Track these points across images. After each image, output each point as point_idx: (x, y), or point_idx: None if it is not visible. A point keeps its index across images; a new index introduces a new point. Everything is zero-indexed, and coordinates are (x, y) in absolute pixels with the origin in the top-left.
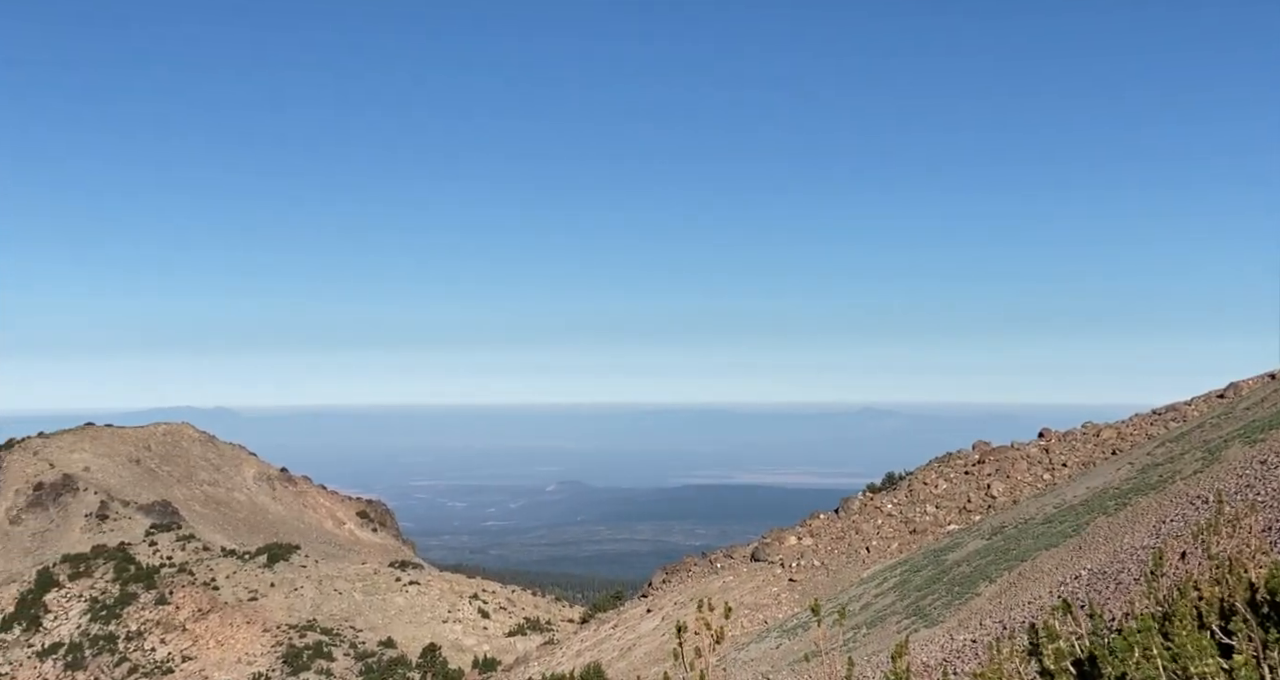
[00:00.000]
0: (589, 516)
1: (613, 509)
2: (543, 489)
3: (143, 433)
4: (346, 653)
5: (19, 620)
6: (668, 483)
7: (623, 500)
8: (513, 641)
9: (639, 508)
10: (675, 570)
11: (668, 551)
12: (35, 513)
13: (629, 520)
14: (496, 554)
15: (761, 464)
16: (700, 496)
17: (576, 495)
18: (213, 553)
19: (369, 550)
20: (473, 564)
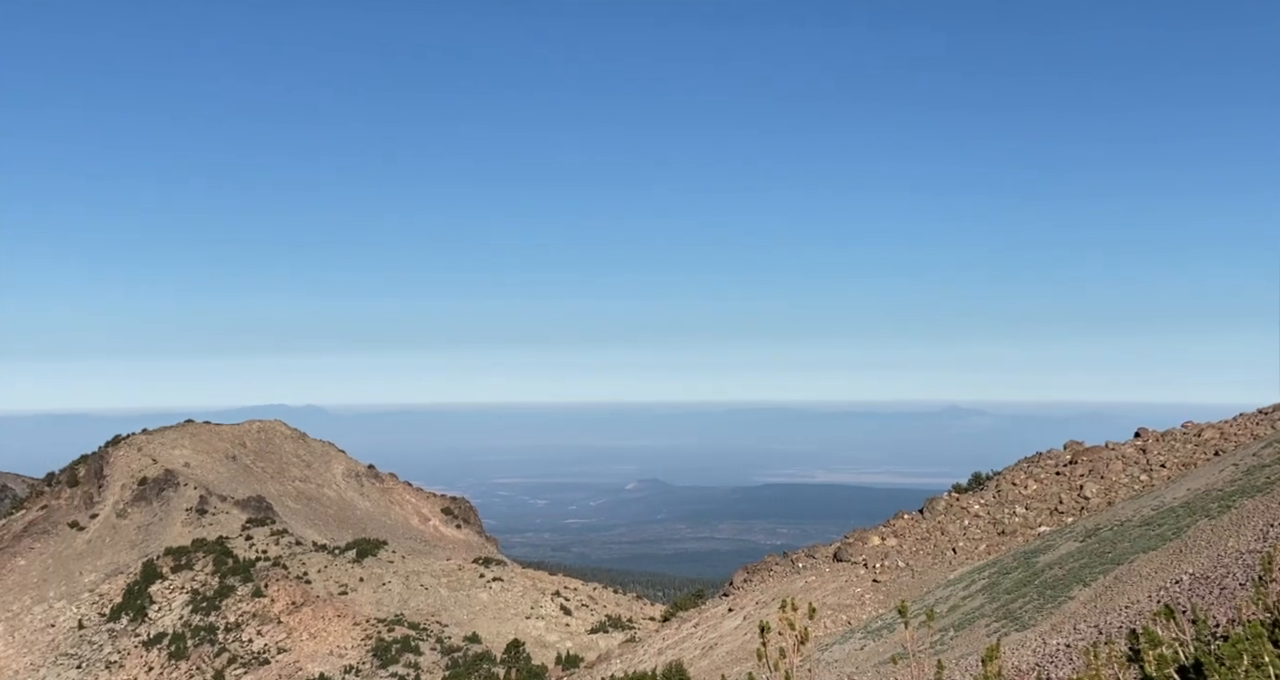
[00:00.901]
0: (669, 515)
1: (693, 508)
2: (623, 487)
3: (238, 430)
4: (433, 647)
5: (127, 610)
6: (748, 482)
7: (703, 499)
8: (595, 639)
9: (719, 506)
10: (756, 570)
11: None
12: (140, 506)
13: (709, 519)
14: (578, 552)
15: (843, 463)
16: (781, 495)
17: (656, 494)
18: (304, 547)
19: (453, 547)
20: (554, 561)
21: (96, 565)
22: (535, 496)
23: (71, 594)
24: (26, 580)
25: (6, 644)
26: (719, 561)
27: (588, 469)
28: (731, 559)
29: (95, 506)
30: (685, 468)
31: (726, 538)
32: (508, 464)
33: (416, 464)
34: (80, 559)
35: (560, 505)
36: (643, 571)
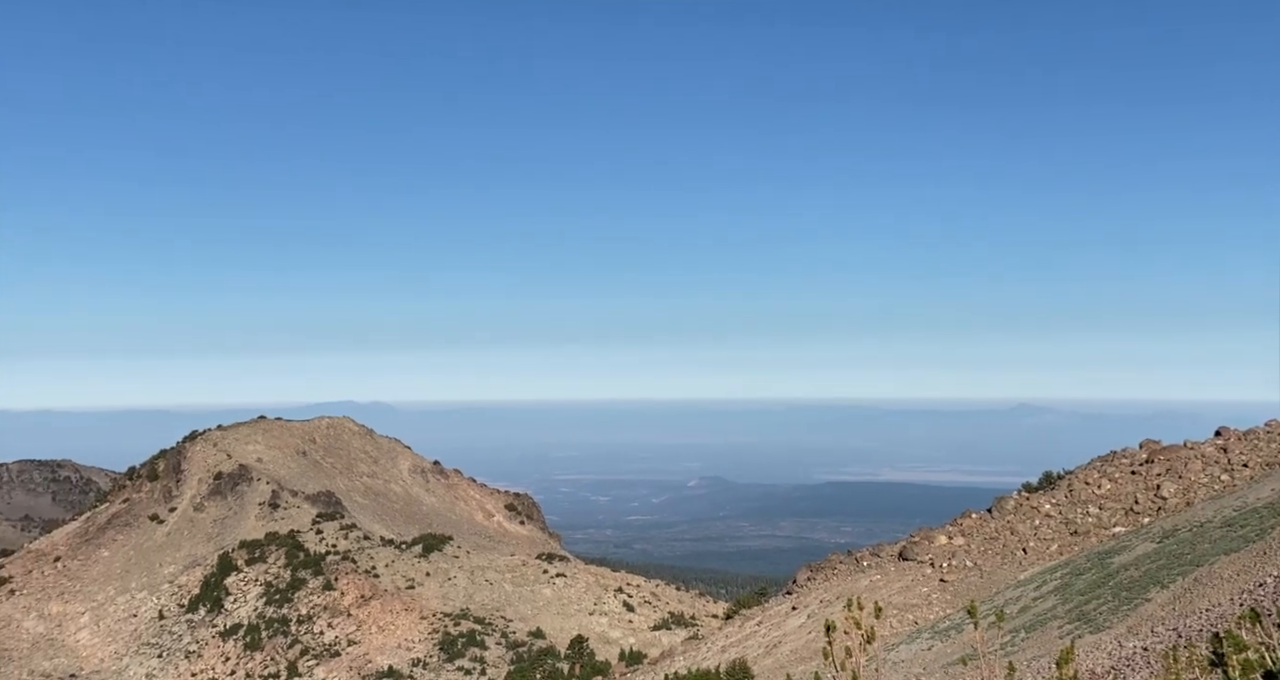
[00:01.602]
0: (731, 512)
1: (755, 505)
2: (685, 484)
3: (308, 426)
4: (498, 642)
5: (204, 601)
6: (811, 479)
7: (765, 496)
8: (657, 635)
9: (782, 504)
10: (820, 568)
11: (811, 549)
12: (215, 500)
13: (772, 516)
14: (640, 548)
15: (909, 461)
16: (845, 494)
17: (719, 491)
18: (372, 542)
19: (517, 542)
20: (616, 558)
21: (175, 557)
22: (598, 493)
23: (152, 585)
24: (110, 571)
25: (93, 633)
26: (781, 559)
27: (650, 466)
28: (794, 557)
29: (174, 500)
30: (747, 465)
31: (789, 535)
32: (570, 460)
33: (480, 460)
34: (160, 551)
35: (622, 502)
36: (705, 569)
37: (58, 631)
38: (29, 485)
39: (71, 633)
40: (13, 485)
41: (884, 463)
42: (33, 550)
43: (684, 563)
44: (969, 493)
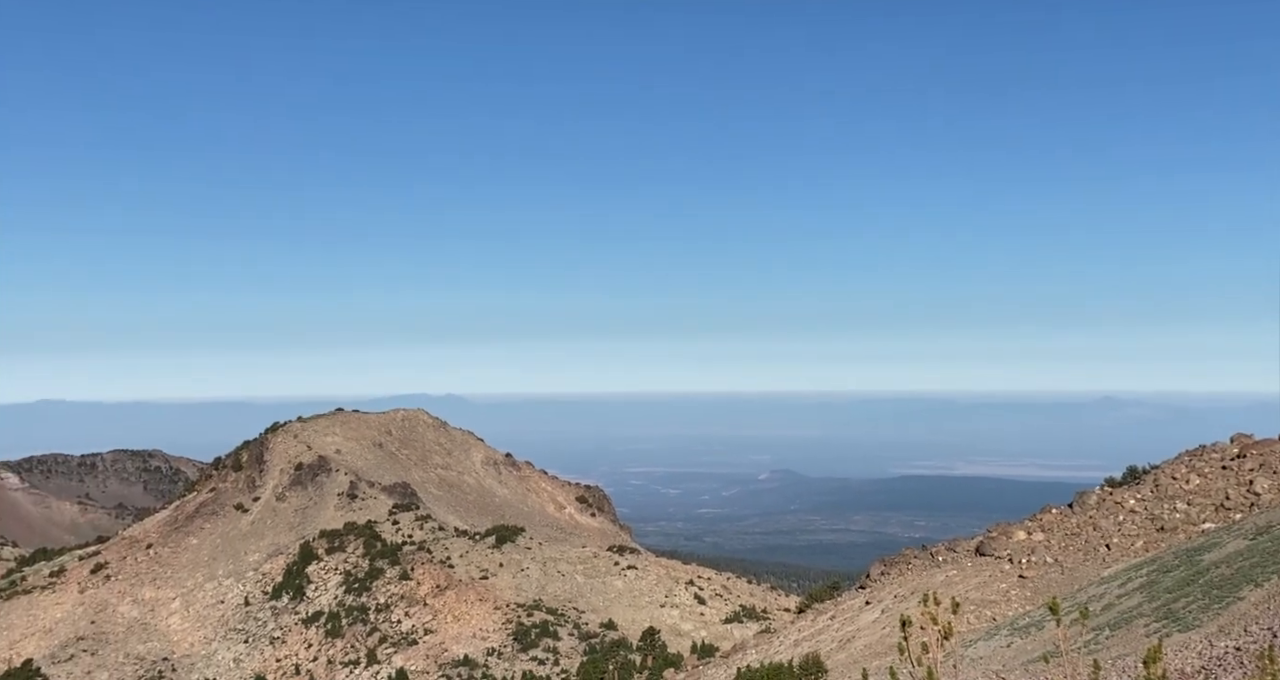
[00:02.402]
0: (803, 506)
1: (827, 499)
2: (755, 477)
3: (384, 418)
4: (570, 633)
5: (287, 589)
6: (885, 473)
7: (838, 490)
8: (729, 628)
9: (855, 498)
10: (894, 562)
11: (885, 543)
12: (297, 491)
13: (844, 511)
14: (711, 541)
15: (985, 455)
16: (919, 488)
17: (790, 484)
18: (447, 533)
19: (588, 534)
20: (687, 551)
21: (259, 545)
22: (668, 486)
23: (238, 572)
24: (198, 558)
25: (183, 618)
26: (854, 554)
27: (720, 459)
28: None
29: (257, 490)
30: (819, 458)
31: (862, 530)
32: (641, 453)
33: (551, 453)
34: (245, 539)
35: (693, 495)
36: (776, 562)
37: (151, 616)
38: (122, 474)
39: (163, 617)
40: (108, 474)
41: (959, 457)
42: (126, 537)
43: (755, 556)
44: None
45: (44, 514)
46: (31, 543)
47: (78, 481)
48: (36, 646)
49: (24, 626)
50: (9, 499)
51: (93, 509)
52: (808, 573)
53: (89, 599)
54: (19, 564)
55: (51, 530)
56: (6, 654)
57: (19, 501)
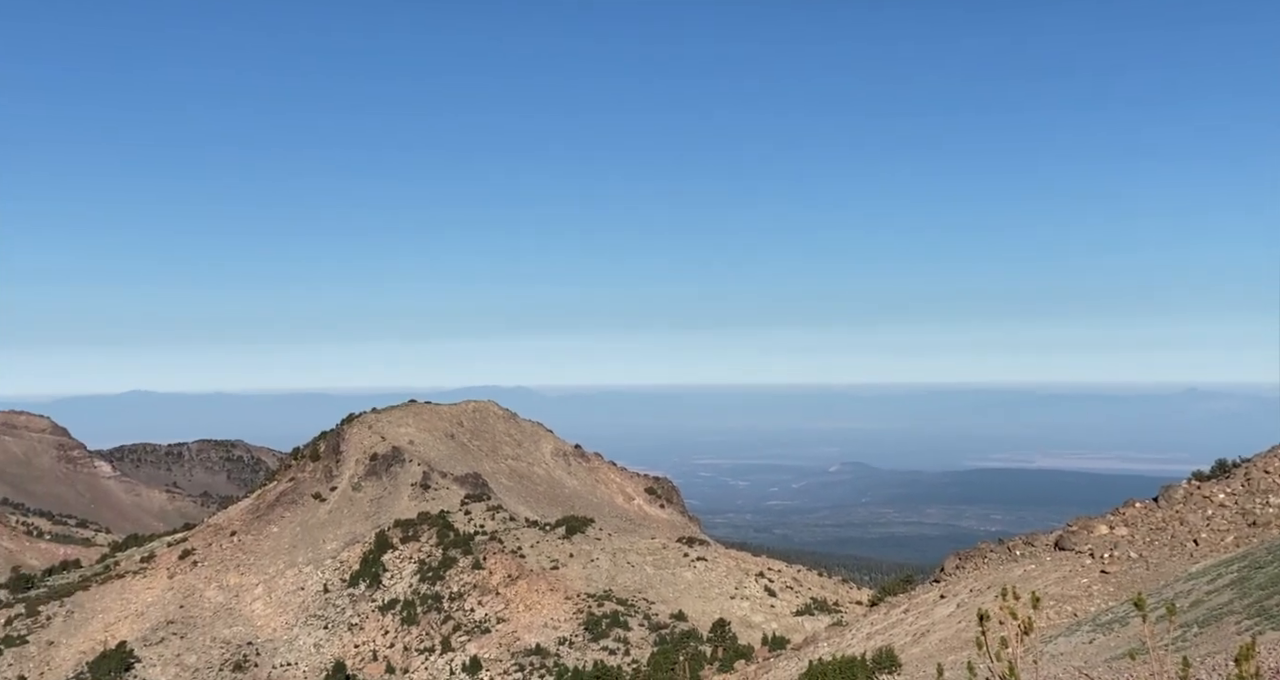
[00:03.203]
0: (874, 498)
1: (899, 491)
2: (825, 470)
3: (455, 410)
4: (641, 623)
5: (364, 577)
6: (959, 466)
7: (910, 482)
8: (800, 621)
9: (928, 490)
10: (969, 556)
11: (960, 537)
12: (372, 480)
13: (917, 503)
14: (780, 533)
15: (1065, 448)
16: (995, 481)
17: (861, 476)
18: (518, 523)
19: (657, 525)
20: (757, 543)
21: (336, 534)
22: (737, 477)
23: (317, 560)
24: (279, 546)
25: (266, 604)
26: (927, 547)
27: (789, 451)
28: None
29: (334, 480)
30: (890, 451)
31: (935, 523)
32: (709, 445)
33: (620, 444)
34: (323, 528)
35: (762, 487)
36: (847, 555)
37: (235, 601)
38: (207, 463)
39: (247, 603)
40: (193, 463)
41: (1036, 449)
42: (211, 524)
43: (825, 549)
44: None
45: (134, 501)
46: (123, 529)
47: (165, 470)
48: (130, 629)
49: (118, 610)
50: (102, 486)
51: (180, 497)
52: (880, 566)
53: (178, 584)
54: (112, 549)
55: (142, 517)
56: (102, 636)
57: (112, 489)
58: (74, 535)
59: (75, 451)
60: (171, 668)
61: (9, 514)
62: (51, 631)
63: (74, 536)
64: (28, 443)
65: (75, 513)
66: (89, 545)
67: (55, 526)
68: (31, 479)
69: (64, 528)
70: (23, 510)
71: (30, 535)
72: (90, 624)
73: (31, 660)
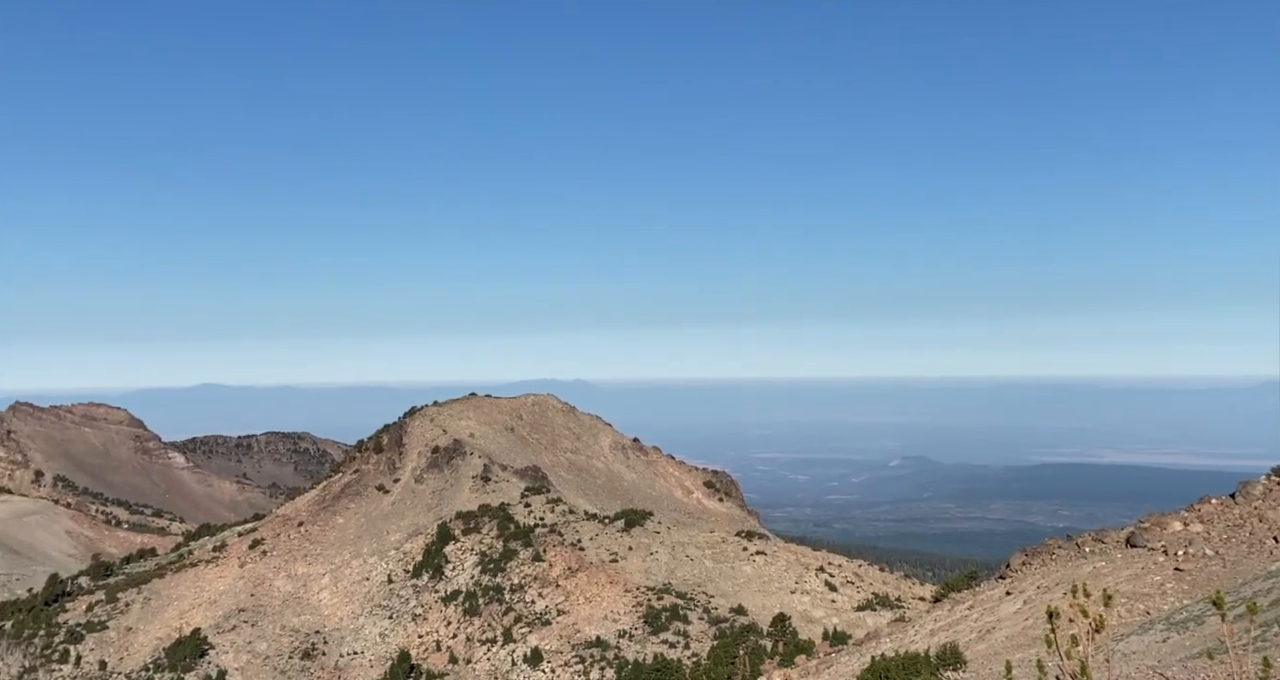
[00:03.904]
0: (937, 493)
1: (963, 486)
2: (886, 464)
3: (514, 403)
4: (700, 617)
5: (426, 568)
6: (1025, 460)
7: (973, 477)
8: (862, 616)
9: (992, 486)
10: (1036, 553)
11: (1025, 532)
12: (434, 473)
13: (981, 498)
14: (840, 528)
15: (1136, 443)
16: (1063, 476)
17: (923, 471)
18: (577, 516)
19: (716, 519)
20: (816, 537)
21: (400, 525)
22: (796, 471)
23: (381, 551)
24: (345, 537)
25: (332, 593)
26: (992, 543)
27: (850, 445)
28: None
29: (397, 472)
30: (953, 445)
31: (1000, 518)
32: (768, 438)
33: (677, 438)
34: (387, 519)
35: (821, 481)
36: (909, 550)
37: (303, 591)
38: (275, 455)
39: (315, 592)
40: (261, 455)
41: (1105, 444)
42: (279, 515)
43: (887, 543)
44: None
45: (206, 492)
46: (196, 518)
47: (235, 461)
48: (203, 616)
49: (192, 597)
50: (176, 477)
51: (249, 487)
52: (943, 561)
53: (248, 573)
54: (186, 538)
55: (213, 507)
56: (177, 623)
57: (185, 480)
58: (150, 524)
59: (151, 443)
60: (243, 655)
61: (89, 503)
62: (130, 617)
63: (150, 525)
64: (106, 434)
65: (151, 502)
66: (164, 534)
67: (132, 515)
68: (110, 469)
69: (141, 517)
70: (102, 500)
71: (109, 524)
72: (166, 611)
73: (111, 645)
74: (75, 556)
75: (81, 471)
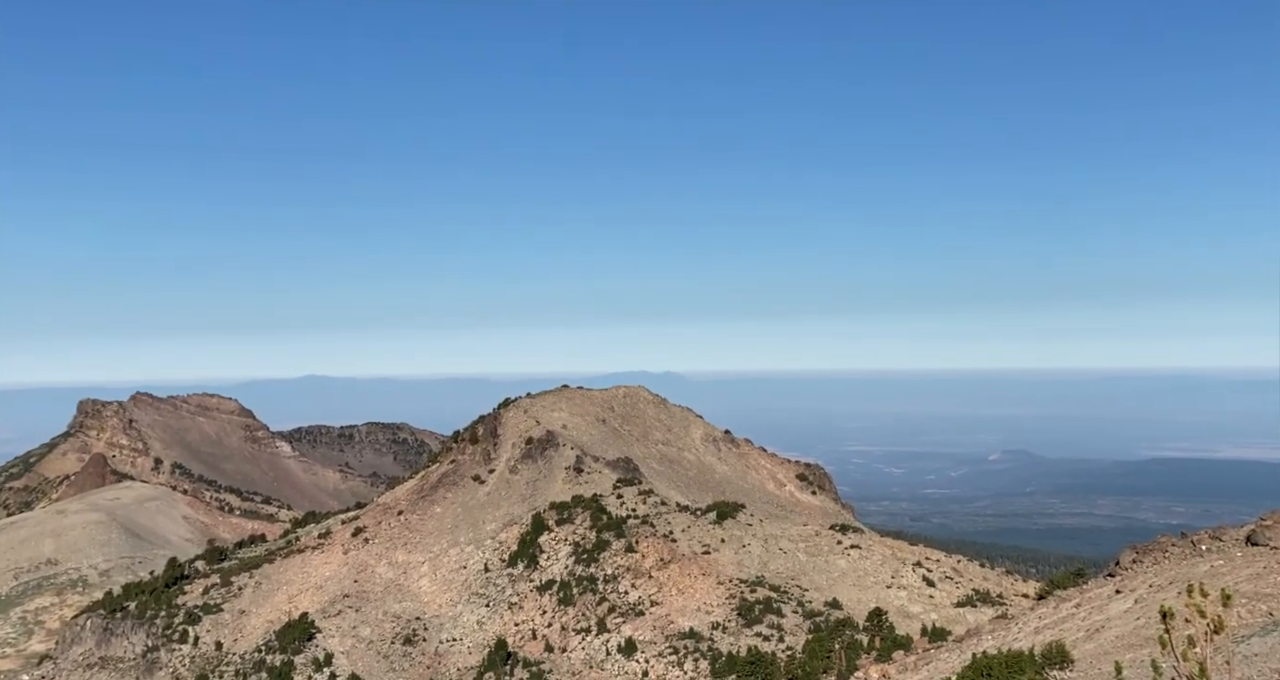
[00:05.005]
0: (1039, 488)
1: (1067, 481)
2: (985, 457)
3: (606, 395)
4: (794, 610)
5: (521, 557)
6: (1134, 455)
7: (1078, 472)
8: (961, 612)
9: (1098, 481)
10: (1148, 550)
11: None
12: (527, 464)
13: (1086, 494)
14: (938, 522)
15: (1253, 437)
16: (1175, 471)
17: (1024, 465)
18: (669, 507)
19: (809, 512)
20: (913, 531)
21: (495, 515)
22: (891, 464)
23: (477, 540)
24: (442, 525)
25: (431, 581)
26: (1099, 539)
27: (947, 438)
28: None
29: (492, 462)
30: (1056, 439)
31: (1108, 514)
32: (862, 431)
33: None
34: (482, 509)
35: (918, 474)
36: (1010, 546)
37: (404, 578)
38: (375, 445)
39: (415, 579)
40: (362, 445)
41: (1221, 438)
42: (380, 504)
43: (986, 539)
44: None
45: (311, 480)
46: (301, 505)
47: (338, 451)
48: (310, 601)
49: (300, 582)
50: (283, 465)
51: (351, 476)
52: (1046, 558)
53: (351, 560)
54: (293, 525)
55: (317, 494)
56: (286, 607)
57: (291, 468)
58: (260, 511)
59: (259, 432)
60: (348, 639)
61: (203, 490)
62: (243, 601)
63: (260, 512)
64: (219, 424)
65: (260, 489)
66: (273, 521)
67: (243, 502)
68: (222, 457)
69: (251, 504)
70: (215, 487)
71: (222, 510)
72: (276, 595)
73: (226, 627)
74: (192, 541)
75: (196, 459)
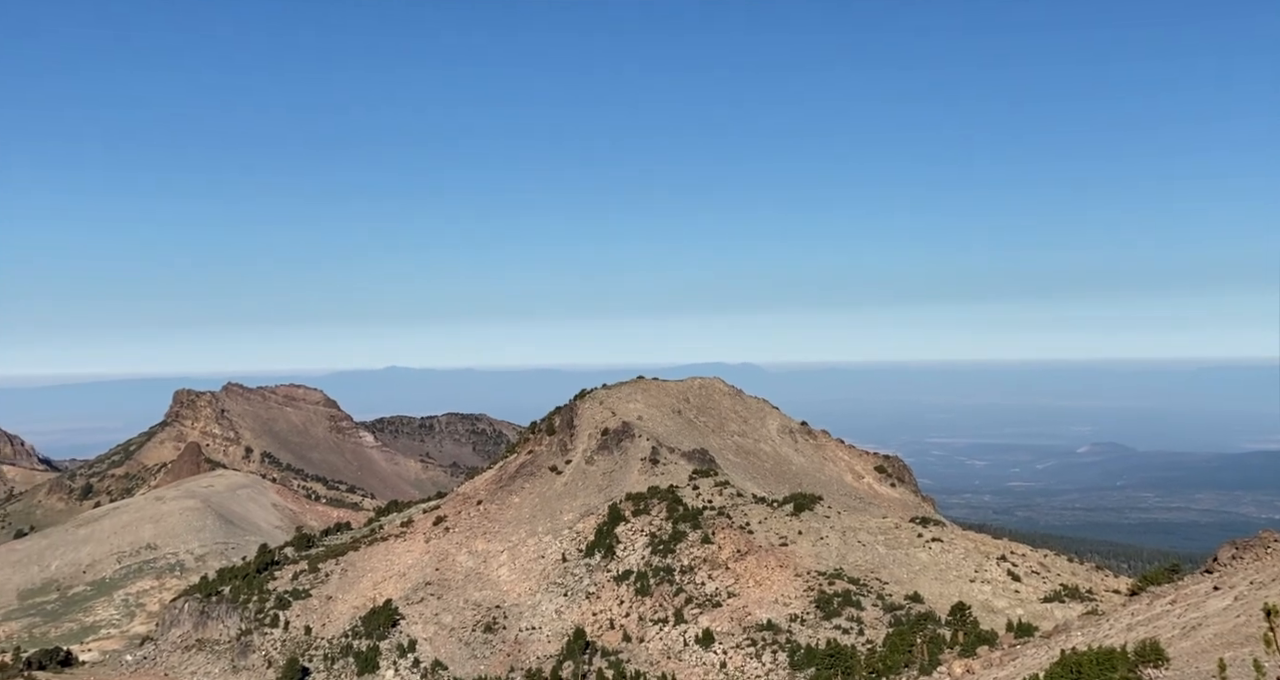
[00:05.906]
0: (1131, 481)
1: (1161, 474)
2: (1074, 450)
3: (681, 386)
4: (874, 603)
5: (598, 548)
6: (1234, 448)
7: (1173, 465)
8: (1049, 608)
9: (1195, 474)
10: (1249, 546)
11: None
12: (604, 455)
13: (1182, 488)
14: (1023, 516)
15: None
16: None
17: (1115, 458)
18: (745, 499)
19: (888, 504)
20: (997, 524)
21: (572, 505)
22: (973, 457)
23: (554, 530)
24: (520, 515)
25: (510, 570)
26: (1196, 534)
27: (1032, 430)
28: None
29: (568, 453)
30: (1149, 431)
31: (1205, 509)
32: (943, 423)
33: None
34: (559, 499)
35: (1002, 467)
36: (1100, 540)
37: (483, 566)
38: (455, 435)
39: (494, 568)
40: (443, 435)
41: None
42: (460, 493)
43: (1075, 533)
44: None
45: (393, 469)
46: (384, 494)
47: (418, 441)
48: (394, 588)
49: (383, 569)
50: (367, 456)
51: (432, 466)
52: (1139, 553)
53: (433, 548)
54: (377, 514)
55: (399, 484)
56: (371, 593)
57: (374, 458)
58: (345, 499)
59: (344, 422)
60: (430, 626)
61: (291, 478)
62: (330, 587)
63: (345, 500)
64: (306, 414)
65: (345, 478)
66: (357, 509)
67: (329, 491)
68: (309, 447)
69: (336, 492)
70: (302, 475)
71: (309, 498)
72: (361, 582)
73: (315, 612)
74: (281, 528)
75: (284, 448)
